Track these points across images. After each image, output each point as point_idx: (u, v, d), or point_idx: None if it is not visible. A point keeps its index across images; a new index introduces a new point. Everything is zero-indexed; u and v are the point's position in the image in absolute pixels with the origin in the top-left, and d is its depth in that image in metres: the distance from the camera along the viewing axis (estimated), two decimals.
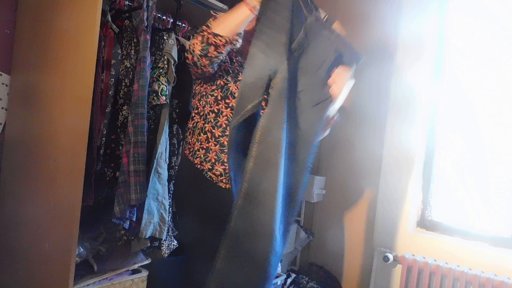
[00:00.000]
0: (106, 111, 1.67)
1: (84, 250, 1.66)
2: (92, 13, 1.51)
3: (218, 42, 1.44)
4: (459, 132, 2.45)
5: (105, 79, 1.66)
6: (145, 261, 1.85)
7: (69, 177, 1.53)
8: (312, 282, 2.56)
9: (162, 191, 1.78)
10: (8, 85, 1.79)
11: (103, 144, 1.66)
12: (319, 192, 2.73)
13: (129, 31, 1.74)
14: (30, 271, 1.63)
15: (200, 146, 1.60)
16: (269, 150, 1.39)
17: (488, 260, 2.16)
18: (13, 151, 1.75)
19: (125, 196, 1.62)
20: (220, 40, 1.44)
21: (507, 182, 2.26)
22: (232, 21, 1.46)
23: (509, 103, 2.29)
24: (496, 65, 2.34)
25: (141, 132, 1.63)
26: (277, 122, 1.40)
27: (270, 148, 1.39)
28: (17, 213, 1.70)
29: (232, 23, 1.45)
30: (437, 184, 2.49)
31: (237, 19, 1.45)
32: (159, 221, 1.76)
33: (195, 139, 1.62)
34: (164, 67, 1.76)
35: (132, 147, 1.62)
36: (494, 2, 2.38)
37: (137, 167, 1.61)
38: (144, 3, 1.69)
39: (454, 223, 2.40)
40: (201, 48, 1.46)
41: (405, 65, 2.50)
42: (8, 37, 1.77)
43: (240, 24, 1.46)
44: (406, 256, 2.33)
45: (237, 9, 1.46)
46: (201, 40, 1.46)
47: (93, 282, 1.65)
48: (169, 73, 1.76)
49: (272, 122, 1.40)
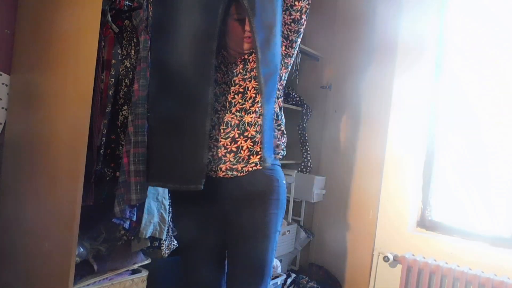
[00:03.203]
0: (106, 111, 1.66)
1: (84, 250, 1.66)
2: (92, 13, 1.51)
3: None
4: (459, 132, 2.45)
5: (105, 79, 1.66)
6: (145, 261, 1.85)
7: (69, 177, 1.53)
8: (312, 282, 2.56)
9: (162, 191, 1.78)
10: (8, 85, 1.78)
11: (103, 144, 1.66)
12: (319, 192, 2.73)
13: (129, 31, 1.74)
14: (30, 271, 1.63)
15: None
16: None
17: (488, 260, 2.16)
18: (13, 151, 1.75)
19: (125, 196, 1.61)
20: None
21: (507, 182, 2.26)
22: None
23: (509, 103, 2.29)
24: (496, 65, 2.35)
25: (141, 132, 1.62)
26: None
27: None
28: (17, 213, 1.69)
29: None
30: (437, 184, 2.49)
31: None
32: (159, 221, 1.76)
33: None
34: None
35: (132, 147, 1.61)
36: (494, 2, 2.38)
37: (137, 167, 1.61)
38: (144, 3, 1.69)
39: (454, 223, 2.40)
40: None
41: (405, 65, 2.51)
42: (8, 37, 1.77)
43: None
44: (406, 256, 2.33)
45: None
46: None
47: (93, 282, 1.65)
48: None
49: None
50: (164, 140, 1.48)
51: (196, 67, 1.44)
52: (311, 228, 2.85)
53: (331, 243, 2.71)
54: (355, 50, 2.64)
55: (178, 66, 1.46)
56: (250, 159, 1.45)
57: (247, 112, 1.47)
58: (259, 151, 1.46)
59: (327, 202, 2.78)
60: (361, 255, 2.59)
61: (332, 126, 2.82)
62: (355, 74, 2.62)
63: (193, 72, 1.45)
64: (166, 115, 1.48)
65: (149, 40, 1.67)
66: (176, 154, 1.45)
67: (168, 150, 1.48)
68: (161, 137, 1.49)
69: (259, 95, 1.47)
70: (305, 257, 2.85)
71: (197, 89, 1.44)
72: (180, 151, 1.45)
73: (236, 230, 1.50)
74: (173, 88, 1.47)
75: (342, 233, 2.69)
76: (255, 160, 1.46)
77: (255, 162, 1.46)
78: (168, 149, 1.47)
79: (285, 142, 1.58)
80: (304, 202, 2.83)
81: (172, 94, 1.47)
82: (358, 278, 2.60)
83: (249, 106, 1.48)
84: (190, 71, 1.45)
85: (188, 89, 1.45)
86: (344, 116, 2.77)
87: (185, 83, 1.45)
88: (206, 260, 1.58)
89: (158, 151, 1.51)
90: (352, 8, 2.68)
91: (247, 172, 1.46)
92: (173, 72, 1.46)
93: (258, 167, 1.46)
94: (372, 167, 2.59)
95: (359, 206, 2.64)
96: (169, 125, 1.47)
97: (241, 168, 1.46)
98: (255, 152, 1.46)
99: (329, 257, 2.72)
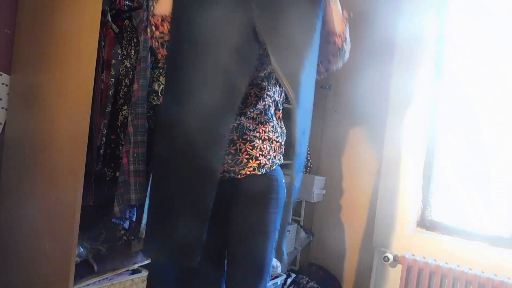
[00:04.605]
0: (106, 111, 1.67)
1: (84, 250, 1.66)
2: (92, 13, 1.51)
3: (156, 21, 1.40)
4: (459, 132, 2.45)
5: (105, 79, 1.66)
6: (145, 261, 1.85)
7: (69, 177, 1.53)
8: (312, 282, 2.56)
9: None
10: (8, 85, 1.79)
11: (103, 144, 1.66)
12: (319, 192, 2.73)
13: (129, 31, 1.74)
14: (30, 271, 1.63)
15: None
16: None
17: (488, 260, 2.16)
18: (13, 151, 1.75)
19: (125, 196, 1.62)
20: (157, 20, 1.40)
21: (507, 182, 2.26)
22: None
23: (509, 103, 2.29)
24: (496, 65, 2.34)
25: (141, 132, 1.63)
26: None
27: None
28: (17, 213, 1.70)
29: (163, 0, 1.39)
30: (437, 184, 2.49)
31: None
32: None
33: None
34: (164, 67, 1.76)
35: (132, 147, 1.62)
36: (494, 2, 2.38)
37: (137, 167, 1.61)
38: (144, 3, 1.69)
39: (454, 223, 2.40)
40: (149, 30, 1.44)
41: (405, 65, 2.50)
42: (8, 37, 1.77)
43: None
44: (406, 256, 2.33)
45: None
46: (148, 23, 1.45)
47: (93, 282, 1.65)
48: None
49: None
50: (165, 213, 1.40)
51: (208, 144, 1.34)
52: (311, 228, 2.85)
53: (331, 243, 2.70)
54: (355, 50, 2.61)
55: (189, 134, 1.34)
56: (248, 163, 1.46)
57: (246, 117, 1.47)
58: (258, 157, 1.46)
59: (327, 202, 2.78)
60: (361, 255, 2.59)
61: (332, 126, 2.82)
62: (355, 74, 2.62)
63: (204, 147, 1.34)
64: (171, 189, 1.39)
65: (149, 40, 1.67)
66: (175, 227, 1.38)
67: (167, 223, 1.40)
68: (162, 209, 1.42)
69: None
70: (305, 257, 2.85)
71: (206, 166, 1.34)
72: (180, 225, 1.38)
73: (235, 229, 1.50)
74: (183, 161, 1.36)
75: (342, 233, 2.69)
76: (253, 165, 1.46)
77: (253, 167, 1.46)
78: (168, 221, 1.40)
79: (282, 151, 1.59)
80: (304, 202, 2.83)
81: (180, 169, 1.37)
82: (358, 278, 2.60)
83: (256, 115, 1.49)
84: (202, 144, 1.34)
85: (197, 164, 1.35)
86: (344, 116, 2.77)
87: (195, 157, 1.34)
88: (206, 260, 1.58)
89: (157, 222, 1.43)
90: (352, 8, 2.67)
91: (244, 175, 1.46)
92: (183, 140, 1.35)
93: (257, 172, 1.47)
94: (372, 167, 2.58)
95: (359, 206, 2.64)
96: (172, 198, 1.38)
97: (238, 170, 1.46)
98: (254, 157, 1.46)
99: (329, 257, 2.72)
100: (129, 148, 1.62)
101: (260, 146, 1.47)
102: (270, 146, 1.50)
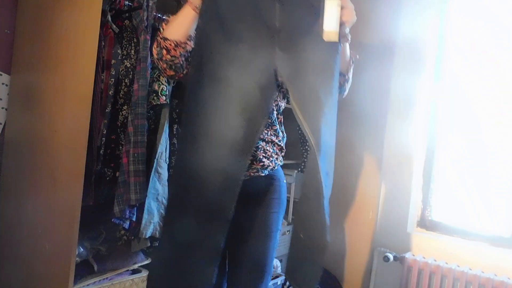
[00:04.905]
0: (106, 111, 1.67)
1: (84, 250, 1.66)
2: (92, 13, 1.51)
3: (168, 46, 1.39)
4: (459, 132, 2.45)
5: (105, 79, 1.66)
6: (145, 261, 1.85)
7: (69, 177, 1.53)
8: None
9: (162, 191, 1.78)
10: (8, 85, 1.79)
11: (103, 144, 1.66)
12: None
13: (129, 31, 1.74)
14: (30, 271, 1.63)
15: None
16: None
17: (488, 260, 2.16)
18: (13, 151, 1.75)
19: (125, 196, 1.62)
20: (169, 44, 1.39)
21: (507, 182, 2.26)
22: (178, 23, 1.39)
23: (509, 103, 2.29)
24: (496, 65, 2.34)
25: (141, 132, 1.63)
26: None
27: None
28: (17, 213, 1.70)
29: (179, 26, 1.39)
30: (437, 184, 2.49)
31: (182, 21, 1.39)
32: (159, 221, 1.76)
33: None
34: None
35: (132, 147, 1.62)
36: (494, 2, 2.38)
37: (137, 167, 1.61)
38: (144, 3, 1.69)
39: (454, 223, 2.40)
40: (157, 52, 1.43)
41: (405, 65, 2.50)
42: (8, 37, 1.77)
43: (187, 25, 1.39)
44: (406, 256, 2.33)
45: (182, 10, 1.40)
46: (156, 44, 1.43)
47: (93, 282, 1.65)
48: None
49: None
50: (177, 250, 1.39)
51: (222, 183, 1.34)
52: None
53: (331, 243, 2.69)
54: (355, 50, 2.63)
55: (205, 173, 1.34)
56: (252, 165, 1.46)
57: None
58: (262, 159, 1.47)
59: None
60: (361, 255, 2.59)
61: None
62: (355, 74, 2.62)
63: (218, 187, 1.35)
64: (184, 228, 1.38)
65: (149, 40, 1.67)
66: (185, 266, 1.38)
67: (178, 261, 1.39)
68: (175, 247, 1.40)
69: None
70: None
71: (221, 205, 1.35)
72: (189, 264, 1.37)
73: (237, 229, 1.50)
74: (196, 202, 1.36)
75: (342, 233, 2.68)
76: (257, 167, 1.47)
77: (256, 168, 1.47)
78: (179, 260, 1.39)
79: (283, 154, 1.60)
80: None
81: (194, 208, 1.37)
82: (358, 278, 2.60)
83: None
84: (216, 186, 1.34)
85: (211, 204, 1.36)
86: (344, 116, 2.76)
87: (209, 198, 1.35)
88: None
89: (168, 260, 1.41)
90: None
91: (248, 176, 1.46)
92: (199, 179, 1.35)
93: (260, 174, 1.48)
94: (372, 167, 2.58)
95: (359, 206, 2.64)
96: (185, 237, 1.37)
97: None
98: (258, 159, 1.46)
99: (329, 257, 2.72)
100: (129, 148, 1.62)
101: (263, 148, 1.47)
102: (272, 148, 1.51)
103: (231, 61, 1.35)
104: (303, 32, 1.38)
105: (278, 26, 1.37)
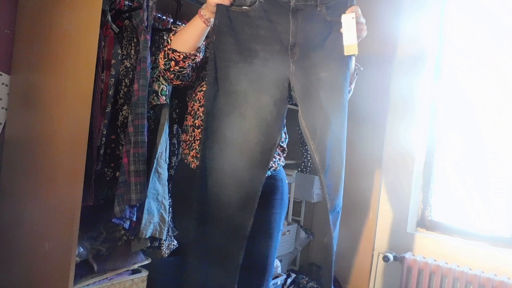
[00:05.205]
0: (106, 111, 1.66)
1: (84, 250, 1.66)
2: (92, 13, 1.51)
3: (177, 57, 1.40)
4: (459, 132, 2.45)
5: (105, 79, 1.66)
6: (145, 261, 1.85)
7: (69, 177, 1.53)
8: (312, 282, 2.56)
9: (162, 191, 1.78)
10: (8, 85, 1.78)
11: (103, 144, 1.66)
12: (319, 192, 2.73)
13: (129, 31, 1.74)
14: (30, 271, 1.63)
15: (194, 139, 1.59)
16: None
17: (488, 260, 2.16)
18: (13, 151, 1.75)
19: (125, 196, 1.61)
20: (178, 56, 1.40)
21: (507, 182, 2.26)
22: (188, 35, 1.40)
23: (509, 103, 2.29)
24: (496, 65, 2.35)
25: (141, 132, 1.62)
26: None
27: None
28: (17, 213, 1.69)
29: (188, 38, 1.40)
30: (437, 184, 2.49)
31: (192, 33, 1.39)
32: (159, 221, 1.76)
33: (189, 136, 1.61)
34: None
35: (132, 147, 1.61)
36: (494, 2, 2.38)
37: (137, 167, 1.61)
38: (144, 3, 1.69)
39: (454, 223, 2.40)
40: (164, 63, 1.44)
41: (405, 65, 2.50)
42: (8, 37, 1.77)
43: (196, 37, 1.40)
44: (406, 256, 2.33)
45: (192, 23, 1.41)
46: (163, 55, 1.44)
47: (93, 282, 1.65)
48: None
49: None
50: (197, 264, 1.42)
51: (241, 201, 1.37)
52: (311, 228, 2.85)
53: None
54: None
55: (224, 188, 1.37)
56: None
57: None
58: None
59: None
60: (361, 255, 2.59)
61: None
62: None
63: (237, 204, 1.37)
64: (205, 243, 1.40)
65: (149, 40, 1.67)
66: (206, 280, 1.40)
67: (199, 276, 1.41)
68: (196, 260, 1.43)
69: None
70: (305, 257, 2.85)
71: (240, 223, 1.37)
72: (210, 279, 1.40)
73: None
74: (217, 219, 1.39)
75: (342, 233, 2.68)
76: None
77: None
78: (200, 274, 1.41)
79: (285, 155, 1.61)
80: (304, 202, 2.83)
81: (215, 224, 1.39)
82: (358, 278, 2.60)
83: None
84: (235, 204, 1.37)
85: (231, 222, 1.38)
86: None
87: (229, 217, 1.38)
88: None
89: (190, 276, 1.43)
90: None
91: None
92: (220, 204, 1.38)
93: None
94: (372, 167, 2.58)
95: (359, 206, 2.64)
96: (207, 252, 1.40)
97: None
98: None
99: None
100: (129, 148, 1.62)
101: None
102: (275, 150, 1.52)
103: (246, 76, 1.37)
104: (316, 47, 1.40)
105: (292, 41, 1.38)
